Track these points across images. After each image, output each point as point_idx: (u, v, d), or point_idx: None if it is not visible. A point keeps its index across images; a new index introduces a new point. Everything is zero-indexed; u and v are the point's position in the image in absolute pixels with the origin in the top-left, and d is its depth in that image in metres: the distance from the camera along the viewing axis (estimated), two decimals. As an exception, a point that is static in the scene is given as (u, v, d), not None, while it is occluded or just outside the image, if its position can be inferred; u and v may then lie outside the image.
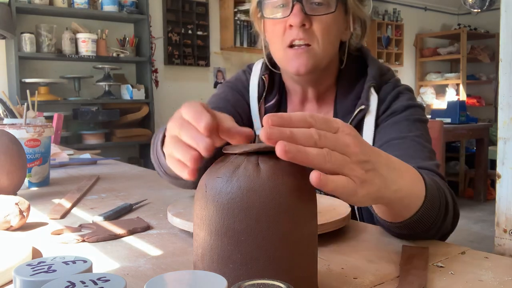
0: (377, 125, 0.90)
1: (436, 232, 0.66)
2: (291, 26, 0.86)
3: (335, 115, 0.97)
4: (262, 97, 1.02)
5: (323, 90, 0.98)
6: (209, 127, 0.46)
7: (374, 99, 0.91)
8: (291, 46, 0.88)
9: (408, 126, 0.86)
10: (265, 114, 1.00)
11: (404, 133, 0.85)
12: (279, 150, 0.40)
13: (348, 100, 0.95)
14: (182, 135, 0.48)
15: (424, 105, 0.94)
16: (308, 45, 0.87)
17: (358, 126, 0.91)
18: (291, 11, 0.86)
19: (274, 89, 1.02)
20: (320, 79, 0.96)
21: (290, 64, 0.89)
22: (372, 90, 0.92)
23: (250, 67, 1.08)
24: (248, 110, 1.04)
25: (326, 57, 0.90)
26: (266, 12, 0.91)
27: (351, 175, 0.45)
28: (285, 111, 1.03)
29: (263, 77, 1.01)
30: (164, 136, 0.69)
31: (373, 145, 0.88)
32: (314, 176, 0.42)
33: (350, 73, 0.97)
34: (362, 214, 0.92)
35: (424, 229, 0.63)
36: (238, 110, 1.02)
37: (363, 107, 0.90)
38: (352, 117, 0.91)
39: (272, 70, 1.02)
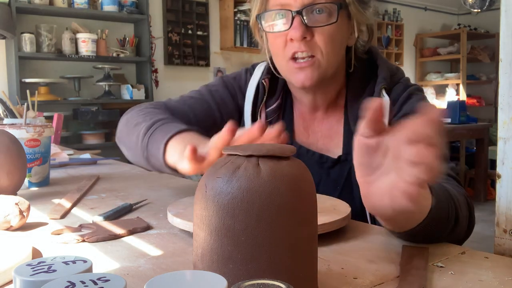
0: None
1: (444, 240, 0.65)
2: (292, 39, 0.83)
3: (346, 120, 0.94)
4: (263, 102, 0.99)
5: (332, 96, 0.95)
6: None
7: (386, 101, 0.88)
8: (294, 58, 0.85)
9: None
10: (266, 118, 0.98)
11: None
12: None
13: (359, 103, 0.90)
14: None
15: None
16: (311, 56, 0.84)
17: None
18: (291, 24, 0.83)
19: (276, 93, 0.99)
20: (327, 87, 0.93)
21: (295, 78, 0.86)
22: (384, 92, 0.89)
23: (254, 67, 1.04)
24: (234, 111, 1.01)
25: (331, 67, 0.87)
26: (265, 24, 0.88)
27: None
28: (291, 114, 1.00)
29: (263, 81, 0.97)
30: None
31: None
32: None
33: (360, 76, 0.94)
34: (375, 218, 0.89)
35: (427, 238, 0.62)
36: (222, 110, 1.00)
37: None
38: None
39: (275, 74, 0.98)
